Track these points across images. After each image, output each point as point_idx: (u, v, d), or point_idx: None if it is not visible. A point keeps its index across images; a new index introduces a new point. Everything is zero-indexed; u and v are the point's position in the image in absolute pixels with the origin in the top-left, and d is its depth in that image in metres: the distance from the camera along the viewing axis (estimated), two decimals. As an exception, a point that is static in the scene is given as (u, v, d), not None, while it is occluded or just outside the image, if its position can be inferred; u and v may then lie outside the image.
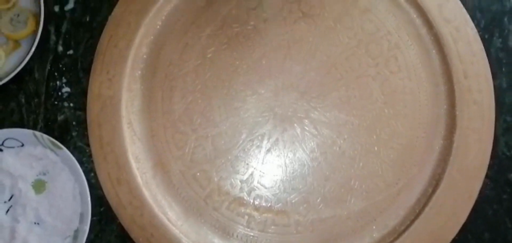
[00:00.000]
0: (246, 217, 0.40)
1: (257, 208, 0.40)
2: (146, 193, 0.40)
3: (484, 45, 0.42)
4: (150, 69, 0.43)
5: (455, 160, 0.40)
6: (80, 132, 0.42)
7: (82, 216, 0.39)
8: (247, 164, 0.41)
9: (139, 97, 0.42)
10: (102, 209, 0.41)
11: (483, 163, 0.40)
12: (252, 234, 0.40)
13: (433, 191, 0.40)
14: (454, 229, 0.39)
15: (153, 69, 0.43)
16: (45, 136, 0.40)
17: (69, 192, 0.40)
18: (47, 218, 0.39)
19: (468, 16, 0.43)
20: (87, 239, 0.39)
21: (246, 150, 0.41)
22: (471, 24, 0.43)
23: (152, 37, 0.43)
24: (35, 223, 0.40)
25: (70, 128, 0.42)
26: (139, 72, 0.42)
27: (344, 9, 0.43)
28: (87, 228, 0.39)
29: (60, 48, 0.44)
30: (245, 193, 0.40)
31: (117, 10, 0.43)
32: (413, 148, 0.41)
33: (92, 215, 0.39)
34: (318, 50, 0.43)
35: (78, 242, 0.39)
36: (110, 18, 0.43)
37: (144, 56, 0.43)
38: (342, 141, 0.41)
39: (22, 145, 0.41)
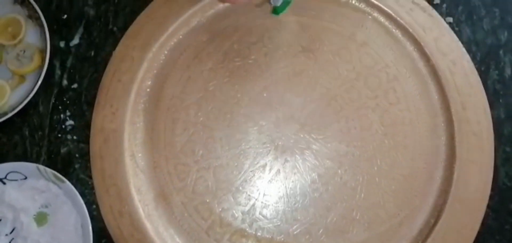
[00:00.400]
0: (248, 249, 0.40)
1: (259, 240, 0.40)
2: (148, 225, 0.40)
3: (481, 77, 0.44)
4: (153, 102, 0.44)
5: (456, 191, 0.40)
6: (82, 164, 0.42)
7: None
8: (249, 195, 0.41)
9: (141, 130, 0.43)
10: (103, 241, 0.41)
11: (484, 194, 0.41)
12: (254, 266, 0.40)
13: (435, 222, 0.40)
14: (457, 261, 0.39)
15: (155, 102, 0.44)
16: (48, 170, 0.40)
17: (71, 225, 0.40)
18: None
19: (464, 50, 0.44)
20: (88, 271, 0.39)
21: (247, 181, 0.42)
22: (467, 57, 0.44)
23: (155, 71, 0.44)
24: None
25: (73, 160, 0.43)
26: (142, 105, 0.44)
27: (342, 43, 0.45)
28: None
29: (65, 82, 0.45)
30: (247, 225, 0.41)
31: (121, 46, 0.45)
32: (414, 179, 0.41)
33: None
34: (318, 82, 0.44)
35: (79, 275, 0.39)
36: (114, 53, 0.45)
37: (147, 90, 0.44)
38: (343, 172, 0.42)
39: (25, 178, 0.41)
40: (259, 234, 0.40)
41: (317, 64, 0.44)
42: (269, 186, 0.42)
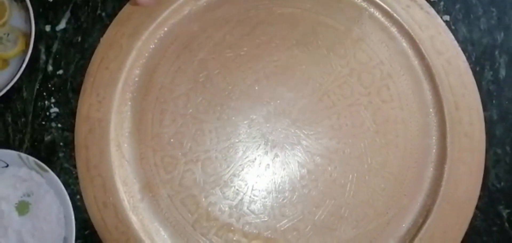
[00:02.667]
0: (235, 244, 0.41)
1: (245, 235, 0.41)
2: (132, 217, 0.40)
3: (475, 78, 0.45)
4: (141, 92, 0.44)
5: (445, 192, 0.42)
6: (67, 153, 0.43)
7: (66, 240, 0.40)
8: (237, 189, 0.42)
9: (128, 120, 0.43)
10: (86, 233, 0.41)
11: (473, 195, 0.42)
12: (240, 261, 0.41)
13: (423, 222, 0.41)
14: (443, 261, 0.40)
15: (144, 92, 0.44)
16: (30, 158, 0.41)
17: (54, 215, 0.40)
18: (30, 240, 0.40)
19: (459, 49, 0.45)
20: (71, 263, 0.39)
21: (236, 175, 0.42)
22: (462, 56, 0.45)
23: (144, 60, 0.45)
24: None
25: (57, 149, 0.43)
26: (130, 94, 0.44)
27: (337, 38, 0.46)
28: None
29: (50, 68, 0.45)
30: (234, 219, 0.41)
31: (109, 32, 0.45)
32: (404, 178, 0.43)
33: (77, 238, 0.40)
34: (311, 77, 0.45)
35: (62, 266, 0.39)
36: (102, 40, 0.45)
37: (136, 79, 0.44)
38: (333, 169, 0.43)
39: (7, 165, 0.41)
40: (246, 229, 0.41)
41: (310, 59, 0.45)
42: (258, 181, 0.42)
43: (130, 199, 0.41)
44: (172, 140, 0.43)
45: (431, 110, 0.44)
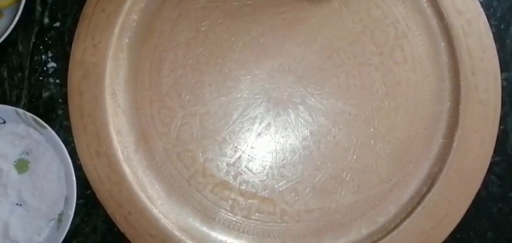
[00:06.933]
0: (230, 201, 0.41)
1: (242, 194, 0.41)
2: (126, 168, 0.40)
3: (499, 35, 0.43)
4: (139, 38, 0.43)
5: (453, 161, 0.41)
6: (66, 110, 0.42)
7: (67, 199, 0.40)
8: (236, 147, 0.42)
9: (125, 67, 0.42)
10: (88, 192, 0.41)
11: (483, 166, 0.41)
12: (235, 219, 0.41)
13: (428, 191, 0.41)
14: (446, 231, 0.40)
15: (142, 39, 0.43)
16: (28, 114, 0.40)
17: (54, 173, 0.40)
18: (30, 199, 0.40)
19: (481, 10, 0.43)
20: (72, 223, 0.39)
21: (235, 132, 0.42)
22: (484, 18, 0.43)
23: (143, 4, 0.43)
24: (17, 204, 0.40)
25: (55, 105, 0.42)
26: (127, 40, 0.43)
27: (351, -9, 0.44)
28: (72, 212, 0.39)
29: (46, 20, 0.44)
30: (231, 177, 0.41)
31: (107, -28, 0.43)
32: (411, 144, 0.42)
33: (78, 198, 0.40)
34: (320, 33, 0.43)
35: (63, 226, 0.39)
36: (99, -21, 0.43)
37: (134, 24, 0.43)
38: (337, 131, 0.42)
39: (4, 122, 0.41)
40: (243, 187, 0.41)
41: (321, 13, 0.43)
42: (257, 139, 0.42)
43: (124, 150, 0.41)
44: (170, 91, 0.42)
45: (446, 74, 0.43)
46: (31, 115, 0.40)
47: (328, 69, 0.43)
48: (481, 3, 0.43)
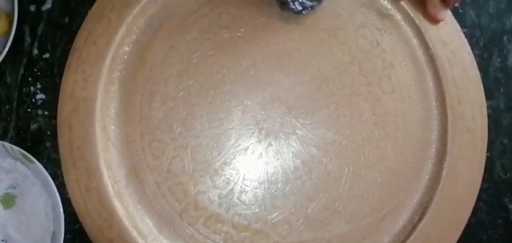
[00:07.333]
0: (223, 235, 0.41)
1: (235, 226, 0.41)
2: (117, 203, 0.40)
3: (482, 64, 0.44)
4: (130, 70, 0.43)
5: (443, 189, 0.41)
6: (54, 143, 0.41)
7: (54, 235, 0.39)
8: (228, 178, 0.42)
9: (116, 100, 0.42)
10: (76, 226, 0.40)
11: (472, 193, 0.42)
12: (228, 253, 0.40)
13: (419, 220, 0.41)
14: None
15: (133, 71, 0.43)
16: (15, 148, 0.39)
17: (41, 209, 0.39)
18: (15, 235, 0.39)
19: (465, 41, 0.45)
20: (60, 259, 0.38)
21: (227, 163, 0.42)
22: (468, 48, 0.44)
23: (134, 36, 0.43)
24: (2, 240, 0.39)
25: (44, 138, 0.42)
26: (118, 73, 0.43)
27: (339, 23, 0.45)
28: None
29: (36, 51, 0.44)
30: (223, 210, 0.41)
31: (97, 5, 0.43)
32: (401, 173, 0.42)
33: (66, 233, 0.39)
34: (310, 63, 0.44)
35: (51, 262, 0.38)
36: (89, 12, 0.43)
37: (125, 57, 0.43)
38: (328, 161, 0.42)
39: None
40: (235, 220, 0.41)
41: (310, 44, 0.44)
42: (249, 170, 0.42)
43: (114, 184, 0.40)
44: (161, 123, 0.42)
45: (433, 103, 0.44)
46: (19, 149, 0.39)
47: (318, 99, 0.43)
48: (464, 32, 0.45)
